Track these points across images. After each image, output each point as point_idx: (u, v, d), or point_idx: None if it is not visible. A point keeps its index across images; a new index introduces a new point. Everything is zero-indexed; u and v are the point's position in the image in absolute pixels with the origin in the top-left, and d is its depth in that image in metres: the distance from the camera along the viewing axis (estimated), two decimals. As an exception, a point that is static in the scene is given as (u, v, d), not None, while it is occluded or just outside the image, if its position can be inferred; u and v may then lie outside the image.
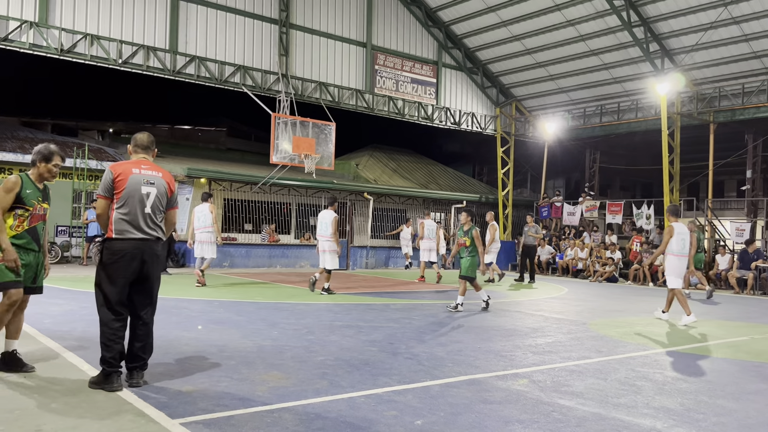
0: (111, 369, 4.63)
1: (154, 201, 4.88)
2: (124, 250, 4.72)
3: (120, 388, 4.60)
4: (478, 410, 4.47)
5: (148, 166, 4.98)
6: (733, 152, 22.45)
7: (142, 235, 4.79)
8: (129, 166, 4.90)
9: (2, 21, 15.39)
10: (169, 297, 9.99)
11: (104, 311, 4.72)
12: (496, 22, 21.87)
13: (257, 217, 20.67)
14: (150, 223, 4.85)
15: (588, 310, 11.30)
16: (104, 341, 4.67)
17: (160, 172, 5.01)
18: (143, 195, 4.83)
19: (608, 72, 21.92)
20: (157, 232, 4.89)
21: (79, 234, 19.12)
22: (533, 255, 17.52)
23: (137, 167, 4.91)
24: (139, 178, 4.85)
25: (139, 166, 4.93)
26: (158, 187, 4.93)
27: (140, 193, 4.82)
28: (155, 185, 4.91)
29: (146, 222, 4.82)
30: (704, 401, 4.99)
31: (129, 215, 4.77)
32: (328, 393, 4.75)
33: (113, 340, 4.66)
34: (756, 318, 11.03)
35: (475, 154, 37.04)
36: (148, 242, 4.82)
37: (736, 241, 18.96)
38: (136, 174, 4.86)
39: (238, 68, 18.88)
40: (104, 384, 4.61)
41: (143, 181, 4.85)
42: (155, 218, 4.89)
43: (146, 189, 4.85)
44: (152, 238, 4.85)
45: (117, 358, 4.66)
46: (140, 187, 4.83)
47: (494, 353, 6.63)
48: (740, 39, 18.46)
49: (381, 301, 11.29)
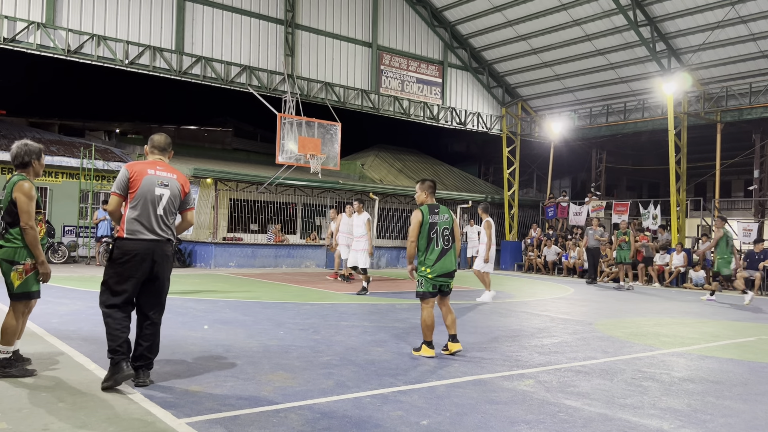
0: (118, 357, 4.62)
1: (167, 203, 4.90)
2: (135, 250, 4.73)
3: (132, 374, 4.63)
4: (484, 410, 4.46)
5: (164, 167, 5.00)
6: (741, 152, 22.35)
7: (153, 236, 4.81)
8: (144, 167, 4.92)
9: (10, 22, 15.48)
10: (175, 297, 10.02)
11: (108, 306, 4.74)
12: (501, 21, 21.84)
13: (263, 217, 20.71)
14: (162, 225, 4.87)
15: (594, 310, 11.27)
16: (109, 332, 4.68)
17: (174, 173, 5.04)
18: (156, 196, 4.85)
19: (614, 71, 21.86)
20: (167, 234, 4.91)
21: (86, 234, 19.20)
22: (597, 257, 17.71)
23: (153, 168, 4.93)
24: (153, 180, 4.87)
25: (154, 167, 4.95)
26: (171, 189, 4.94)
27: (153, 194, 4.85)
28: (169, 187, 4.93)
29: (158, 223, 4.84)
30: (711, 402, 4.97)
31: (141, 216, 4.79)
32: (333, 393, 4.75)
33: (118, 329, 4.67)
34: (764, 318, 10.97)
35: (481, 154, 37.00)
36: (159, 243, 4.84)
37: (743, 241, 18.88)
38: (151, 175, 4.88)
39: (244, 68, 18.92)
40: (115, 374, 4.57)
41: (157, 183, 4.88)
42: (167, 220, 4.92)
43: (160, 191, 4.88)
44: (163, 239, 4.87)
45: (123, 346, 4.65)
46: (154, 188, 4.86)
47: (500, 353, 6.62)
48: (747, 38, 18.38)
49: (387, 301, 11.29)
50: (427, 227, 6.22)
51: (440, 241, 6.25)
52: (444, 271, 6.26)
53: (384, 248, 22.48)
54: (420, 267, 6.30)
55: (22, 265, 4.87)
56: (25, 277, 4.89)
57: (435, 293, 6.31)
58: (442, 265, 6.23)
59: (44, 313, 8.01)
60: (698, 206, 22.18)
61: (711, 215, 20.81)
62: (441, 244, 6.25)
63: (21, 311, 4.98)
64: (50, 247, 17.83)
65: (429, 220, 6.22)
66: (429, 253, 6.23)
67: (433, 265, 6.21)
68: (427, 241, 6.24)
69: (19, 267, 4.86)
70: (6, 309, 5.11)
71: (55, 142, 21.56)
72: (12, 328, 4.93)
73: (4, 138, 20.14)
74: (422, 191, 6.51)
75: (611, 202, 23.27)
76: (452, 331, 6.43)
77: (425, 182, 6.58)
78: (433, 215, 6.28)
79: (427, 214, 6.25)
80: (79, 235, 19.18)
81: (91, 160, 19.31)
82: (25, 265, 4.88)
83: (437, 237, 6.24)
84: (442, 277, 6.27)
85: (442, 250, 6.25)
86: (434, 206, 6.38)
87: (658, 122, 21.72)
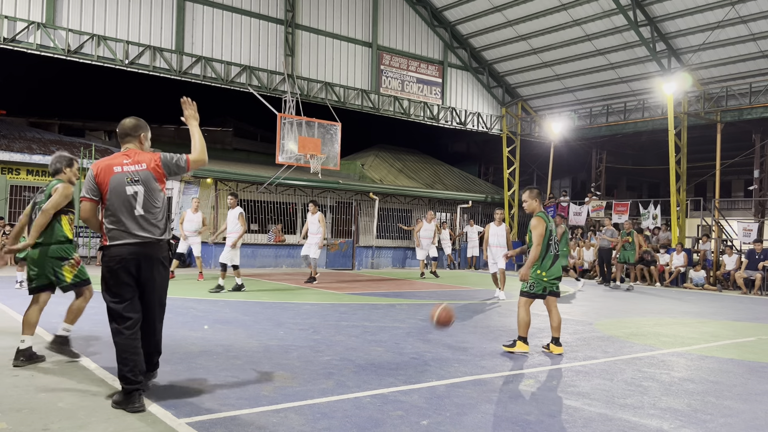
0: (131, 387, 4.16)
1: (144, 199, 4.35)
2: (120, 255, 4.30)
3: (143, 409, 4.12)
4: (484, 410, 4.46)
5: (131, 158, 4.41)
6: (741, 152, 22.35)
7: (136, 239, 4.33)
8: (110, 164, 4.38)
9: (10, 22, 15.48)
10: (175, 297, 10.01)
11: (112, 322, 4.35)
12: (501, 21, 21.84)
13: (263, 217, 20.71)
14: (144, 225, 4.36)
15: (594, 310, 11.27)
16: (119, 353, 4.27)
17: (143, 162, 4.41)
18: (129, 196, 4.33)
19: (614, 71, 21.86)
20: (154, 234, 4.39)
21: (86, 234, 19.19)
22: (608, 257, 17.48)
23: (119, 164, 4.37)
24: (121, 178, 4.33)
25: (120, 162, 4.38)
26: (144, 183, 4.37)
27: (125, 194, 4.32)
28: (141, 181, 4.36)
29: (139, 225, 4.34)
30: (711, 402, 4.97)
31: (118, 222, 4.32)
32: (334, 393, 4.75)
33: (128, 351, 4.24)
34: (764, 318, 10.97)
35: (481, 154, 37.02)
36: (146, 245, 4.35)
37: (743, 241, 18.88)
38: (118, 173, 4.34)
39: (244, 68, 18.93)
40: (125, 404, 4.14)
41: (126, 180, 4.34)
42: (151, 218, 4.39)
43: (132, 189, 4.34)
44: (149, 240, 4.37)
45: (135, 373, 4.19)
46: (124, 188, 4.33)
47: (500, 353, 6.62)
48: (747, 38, 18.38)
49: (387, 301, 11.29)
50: (548, 234, 6.57)
51: (553, 247, 6.64)
52: (557, 275, 6.72)
53: (384, 248, 22.48)
54: (535, 270, 6.60)
55: (72, 259, 5.49)
56: (78, 268, 5.56)
57: (543, 295, 6.69)
58: (556, 269, 6.65)
59: (44, 313, 7.98)
60: (698, 206, 22.18)
61: (711, 215, 20.81)
62: (553, 249, 6.64)
63: (88, 297, 5.71)
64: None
65: (550, 227, 6.62)
66: (546, 259, 6.58)
67: (549, 269, 6.61)
68: (546, 248, 6.58)
69: (70, 261, 5.48)
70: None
71: (55, 142, 21.56)
72: (80, 311, 5.70)
73: (4, 138, 20.15)
74: (532, 199, 6.81)
75: (611, 202, 23.27)
76: (556, 334, 6.80)
77: (533, 190, 6.88)
78: (549, 222, 6.65)
79: (549, 221, 6.65)
80: (79, 235, 19.17)
81: (91, 160, 19.32)
82: (75, 259, 5.51)
83: (553, 243, 6.63)
84: (555, 280, 6.71)
85: (555, 255, 6.65)
86: (546, 214, 6.76)
87: (658, 122, 21.72)
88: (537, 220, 6.58)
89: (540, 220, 6.59)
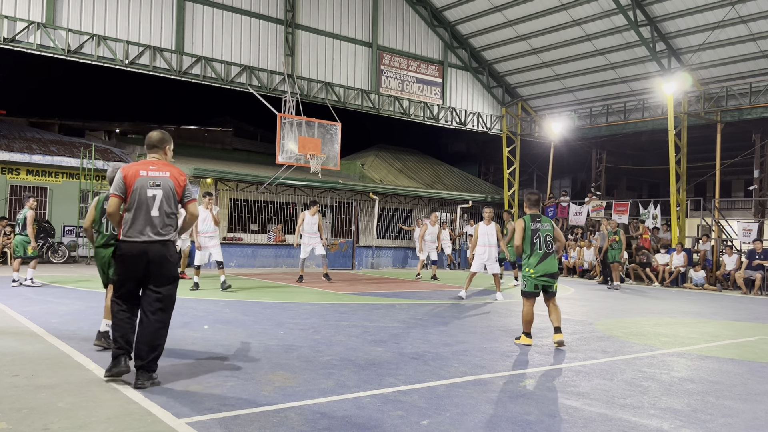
0: (117, 351, 4.78)
1: (161, 203, 4.87)
2: (130, 252, 4.80)
3: (127, 370, 4.77)
4: (484, 410, 4.46)
5: (157, 166, 4.96)
6: (741, 152, 22.34)
7: (145, 238, 4.81)
8: (137, 168, 4.91)
9: (10, 22, 15.48)
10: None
11: (114, 299, 4.96)
12: (501, 21, 21.84)
13: (263, 217, 20.71)
14: (157, 226, 4.85)
15: (594, 310, 11.26)
16: (113, 321, 4.93)
17: (167, 171, 4.97)
18: (149, 198, 4.84)
19: (614, 71, 21.86)
20: (164, 235, 4.88)
21: (86, 234, 19.19)
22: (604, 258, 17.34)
23: (145, 169, 4.91)
24: (145, 181, 4.86)
25: (147, 167, 4.92)
26: (164, 188, 4.90)
27: (146, 196, 4.84)
28: (161, 186, 4.89)
29: (152, 225, 4.84)
30: (711, 402, 4.97)
31: (135, 219, 4.82)
32: (334, 393, 4.75)
33: (122, 319, 4.86)
34: (764, 318, 10.97)
35: (481, 154, 36.99)
36: (153, 244, 4.82)
37: (743, 241, 18.88)
38: (143, 177, 4.87)
39: (244, 68, 18.92)
40: (112, 367, 4.77)
41: (149, 184, 4.86)
42: (164, 220, 4.89)
43: (152, 191, 4.85)
44: (157, 240, 4.84)
45: (122, 340, 4.80)
46: (146, 190, 4.85)
47: (500, 353, 6.62)
48: (747, 38, 18.38)
49: (387, 301, 11.29)
50: (530, 233, 7.08)
51: (543, 245, 7.08)
52: (547, 272, 7.08)
53: (384, 248, 22.49)
54: (524, 268, 7.16)
55: None
56: None
57: (537, 293, 7.15)
58: (544, 266, 7.05)
59: (44, 313, 8.03)
60: (698, 206, 22.17)
61: (711, 215, 20.80)
62: (543, 248, 7.08)
63: None
64: (50, 246, 17.85)
65: (531, 227, 7.13)
66: (532, 256, 7.07)
67: (536, 267, 7.05)
68: (531, 246, 7.08)
69: None
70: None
71: (55, 142, 21.56)
72: None
73: (4, 138, 20.15)
74: (525, 203, 7.54)
75: (611, 202, 23.25)
76: (556, 324, 7.18)
77: (527, 196, 7.54)
78: (535, 223, 7.16)
79: (529, 222, 7.17)
80: (79, 235, 19.17)
81: (91, 160, 19.32)
82: None
83: (540, 242, 7.08)
84: (545, 278, 7.08)
85: (544, 253, 7.07)
86: (536, 216, 7.24)
87: (658, 122, 21.72)
88: (517, 221, 7.26)
89: (519, 221, 7.22)
